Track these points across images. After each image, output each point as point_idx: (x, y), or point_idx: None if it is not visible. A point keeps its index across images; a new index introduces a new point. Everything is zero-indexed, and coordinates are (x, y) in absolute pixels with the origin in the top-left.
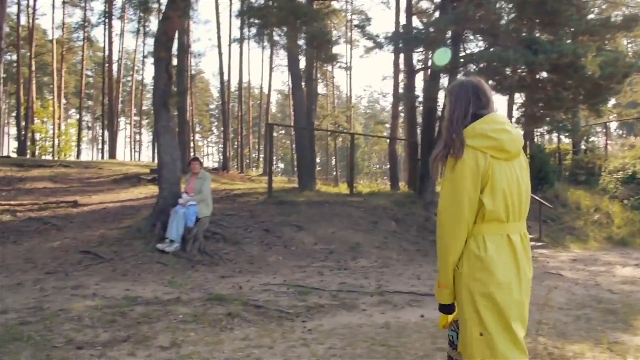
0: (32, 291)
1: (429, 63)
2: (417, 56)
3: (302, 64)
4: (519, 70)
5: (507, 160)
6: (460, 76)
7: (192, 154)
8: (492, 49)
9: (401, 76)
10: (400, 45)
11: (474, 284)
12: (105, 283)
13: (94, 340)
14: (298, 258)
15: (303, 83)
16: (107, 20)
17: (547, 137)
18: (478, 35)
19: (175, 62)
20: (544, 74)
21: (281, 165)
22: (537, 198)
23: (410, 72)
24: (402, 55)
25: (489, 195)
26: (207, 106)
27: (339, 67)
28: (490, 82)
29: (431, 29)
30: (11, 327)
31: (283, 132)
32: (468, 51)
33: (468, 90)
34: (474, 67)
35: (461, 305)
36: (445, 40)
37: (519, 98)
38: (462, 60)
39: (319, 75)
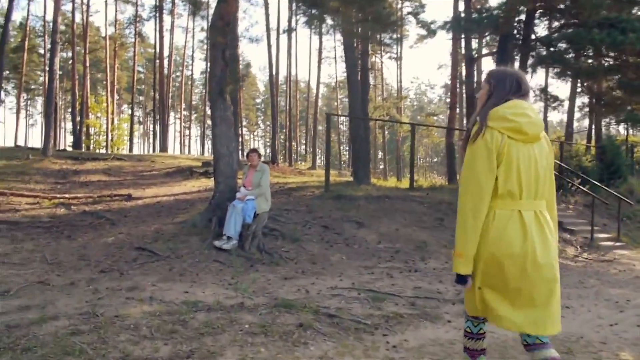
0: (85, 293)
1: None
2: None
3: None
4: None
5: (525, 142)
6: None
7: (244, 147)
8: (569, 30)
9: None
10: (462, 29)
11: (484, 251)
12: (162, 284)
13: (153, 355)
14: (362, 258)
15: (359, 72)
16: (157, 16)
17: (613, 128)
18: (549, 16)
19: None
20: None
21: (324, 159)
22: (616, 194)
23: (470, 59)
24: (455, 43)
25: (503, 173)
26: (254, 100)
27: (389, 57)
28: (558, 69)
29: (498, 12)
30: (62, 338)
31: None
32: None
33: (513, 79)
34: (543, 50)
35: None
36: (512, 22)
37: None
38: (533, 43)
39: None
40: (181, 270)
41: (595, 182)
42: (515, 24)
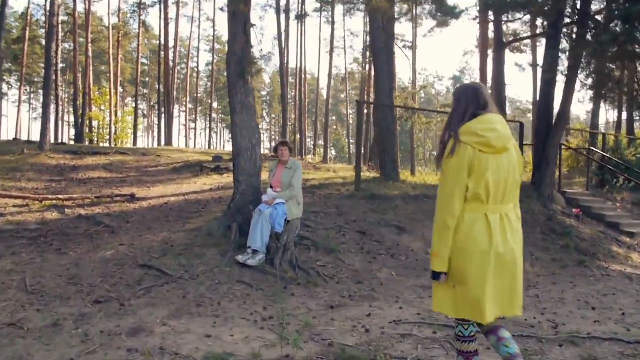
0: (71, 341)
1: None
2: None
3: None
4: None
5: (494, 153)
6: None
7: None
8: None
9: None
10: (496, 5)
11: (455, 251)
12: (174, 321)
13: None
14: (414, 273)
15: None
16: (162, 2)
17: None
18: None
19: None
20: None
21: (332, 152)
22: None
23: (500, 44)
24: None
25: (473, 181)
26: (259, 92)
27: (404, 45)
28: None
29: None
30: None
31: (334, 117)
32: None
33: (468, 94)
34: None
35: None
36: None
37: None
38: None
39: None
40: (198, 297)
41: None
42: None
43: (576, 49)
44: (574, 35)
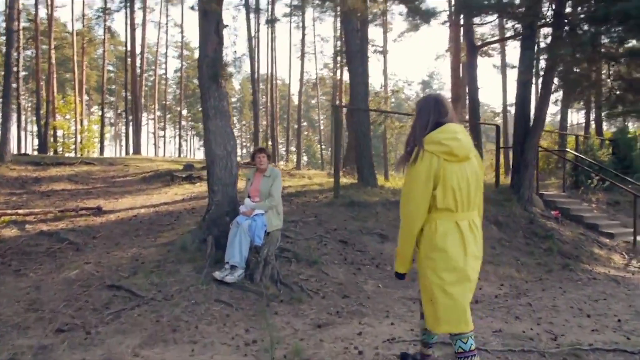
0: None
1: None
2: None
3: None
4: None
5: (458, 162)
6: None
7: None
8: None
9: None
10: (468, 10)
11: (429, 262)
12: (148, 350)
13: None
14: (401, 284)
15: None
16: (128, 8)
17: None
18: None
19: None
20: None
21: (305, 159)
22: (632, 191)
23: (472, 48)
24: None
25: (441, 190)
26: (229, 99)
27: (375, 50)
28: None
29: None
30: None
31: (305, 123)
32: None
33: (430, 104)
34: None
35: (421, 279)
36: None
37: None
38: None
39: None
40: (173, 320)
41: (624, 177)
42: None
43: (553, 51)
44: (549, 37)
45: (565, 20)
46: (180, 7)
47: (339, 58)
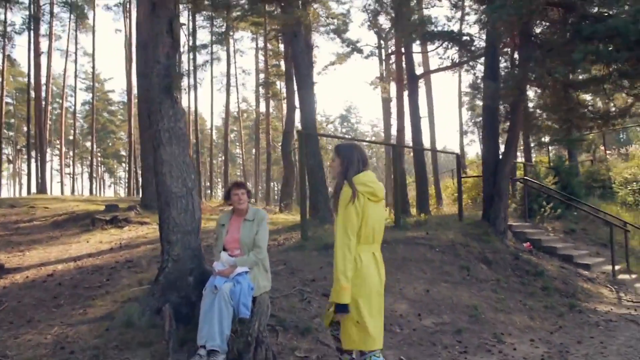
0: None
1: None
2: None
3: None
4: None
5: (376, 202)
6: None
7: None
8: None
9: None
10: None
11: (354, 288)
12: None
13: None
14: (420, 349)
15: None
16: (32, 32)
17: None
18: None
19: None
20: None
21: (220, 193)
22: (613, 220)
23: (412, 77)
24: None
25: (364, 226)
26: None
27: None
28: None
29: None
30: None
31: (222, 158)
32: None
33: (357, 151)
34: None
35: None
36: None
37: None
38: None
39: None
40: None
41: (579, 202)
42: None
43: (522, 73)
44: (512, 61)
45: (537, 42)
46: (92, 35)
47: (261, 90)
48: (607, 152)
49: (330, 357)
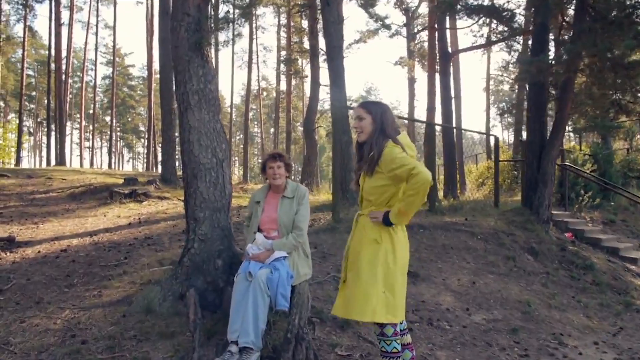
0: None
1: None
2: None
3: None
4: None
5: None
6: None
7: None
8: None
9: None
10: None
11: (396, 252)
12: None
13: None
14: (466, 346)
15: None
16: (53, 2)
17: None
18: None
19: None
20: None
21: (236, 172)
22: None
23: (444, 55)
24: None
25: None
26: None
27: (324, 60)
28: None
29: None
30: None
31: (240, 136)
32: None
33: (389, 109)
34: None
35: (379, 266)
36: None
37: None
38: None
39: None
40: None
41: (624, 190)
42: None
43: (581, 46)
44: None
45: (593, 14)
46: (113, 7)
47: (282, 67)
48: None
49: (374, 357)
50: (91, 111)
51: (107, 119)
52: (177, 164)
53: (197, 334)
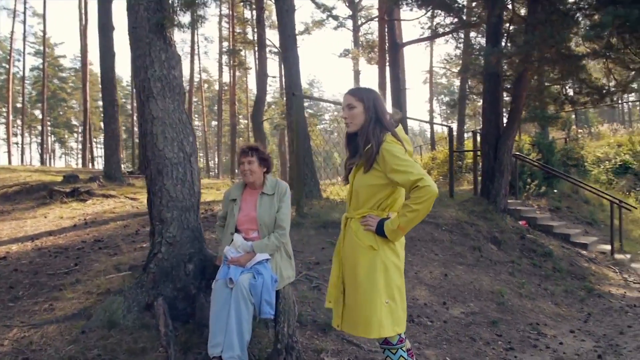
0: None
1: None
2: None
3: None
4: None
5: None
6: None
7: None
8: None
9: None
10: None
11: (397, 262)
12: None
13: None
14: (451, 343)
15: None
16: None
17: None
18: None
19: None
20: None
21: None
22: (612, 198)
23: (394, 45)
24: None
25: (400, 196)
26: (95, 102)
27: (269, 51)
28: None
29: None
30: None
31: (198, 124)
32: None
33: (380, 96)
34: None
35: (379, 278)
36: None
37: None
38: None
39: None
40: None
41: (568, 177)
42: None
43: (536, 35)
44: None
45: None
46: None
47: (224, 59)
48: (579, 131)
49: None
50: (19, 104)
51: (37, 112)
52: (120, 158)
53: (172, 349)
